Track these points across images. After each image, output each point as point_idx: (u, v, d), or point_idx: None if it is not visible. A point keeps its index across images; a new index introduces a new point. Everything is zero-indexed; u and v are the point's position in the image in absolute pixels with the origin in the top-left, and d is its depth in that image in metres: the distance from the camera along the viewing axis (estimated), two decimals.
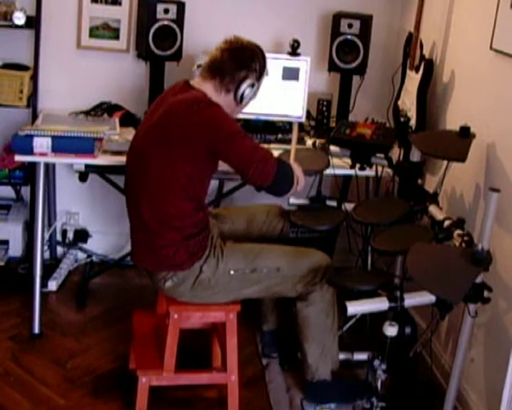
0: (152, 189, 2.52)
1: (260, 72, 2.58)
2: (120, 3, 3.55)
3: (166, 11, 3.35)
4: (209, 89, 2.55)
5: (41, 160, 2.99)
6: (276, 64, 3.44)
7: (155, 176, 2.50)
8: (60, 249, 3.86)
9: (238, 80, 2.54)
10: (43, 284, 3.34)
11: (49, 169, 3.57)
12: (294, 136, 2.99)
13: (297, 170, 2.64)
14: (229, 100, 2.57)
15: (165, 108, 2.52)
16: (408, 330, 2.86)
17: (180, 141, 2.44)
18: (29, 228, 3.60)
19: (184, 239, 2.53)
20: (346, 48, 3.53)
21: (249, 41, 2.60)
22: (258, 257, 2.66)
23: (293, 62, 3.48)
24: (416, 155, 3.01)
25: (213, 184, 3.32)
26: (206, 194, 2.63)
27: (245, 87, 2.55)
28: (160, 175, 2.49)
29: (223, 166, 2.63)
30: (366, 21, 3.50)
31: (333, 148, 3.19)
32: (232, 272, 2.61)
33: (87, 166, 3.09)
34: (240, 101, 2.58)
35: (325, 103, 3.59)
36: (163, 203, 2.51)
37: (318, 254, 2.76)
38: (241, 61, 2.54)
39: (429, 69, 3.17)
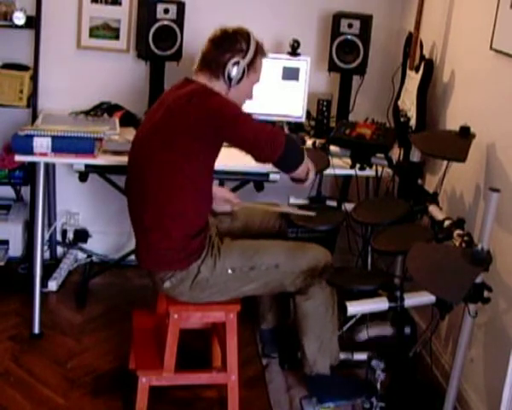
0: (154, 188, 2.52)
1: (246, 49, 2.58)
2: (120, 3, 3.56)
3: (166, 11, 3.35)
4: (204, 81, 2.57)
5: (41, 160, 2.99)
6: (276, 64, 3.44)
7: (157, 175, 2.50)
8: (60, 249, 3.86)
9: (223, 63, 2.56)
10: (43, 284, 3.34)
11: (49, 169, 3.57)
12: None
13: (308, 161, 2.66)
14: (221, 85, 2.58)
15: (166, 105, 2.52)
16: (408, 330, 2.87)
17: (184, 133, 2.44)
18: (29, 228, 3.60)
19: (184, 239, 2.53)
20: (346, 48, 3.52)
21: (234, 27, 2.61)
22: (257, 254, 2.65)
23: (293, 62, 3.49)
24: (416, 155, 3.01)
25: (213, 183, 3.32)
26: (211, 187, 2.62)
27: (230, 67, 2.56)
28: (162, 174, 2.49)
29: (223, 166, 2.62)
30: (366, 21, 3.50)
31: (333, 148, 3.19)
32: (230, 271, 2.61)
33: (87, 166, 3.08)
34: (229, 81, 2.57)
35: (325, 103, 3.59)
36: (164, 203, 2.51)
37: (317, 249, 2.75)
38: (223, 46, 2.57)
39: (429, 69, 3.17)
